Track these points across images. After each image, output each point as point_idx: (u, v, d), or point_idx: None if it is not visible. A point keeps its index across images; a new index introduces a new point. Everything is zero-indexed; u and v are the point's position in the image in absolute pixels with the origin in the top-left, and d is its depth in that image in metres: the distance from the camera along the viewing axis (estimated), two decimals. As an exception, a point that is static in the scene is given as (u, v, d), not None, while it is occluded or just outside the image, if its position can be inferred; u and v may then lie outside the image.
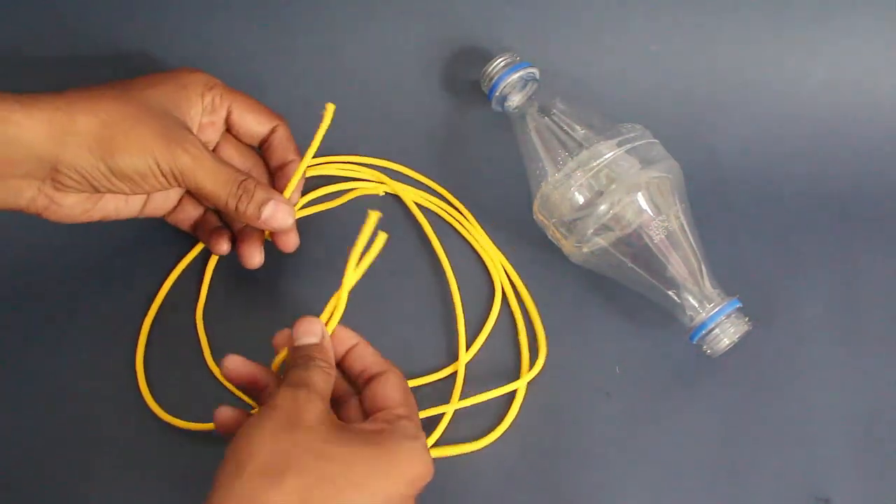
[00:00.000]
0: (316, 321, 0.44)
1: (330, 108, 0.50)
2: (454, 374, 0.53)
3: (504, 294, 0.55)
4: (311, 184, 0.59)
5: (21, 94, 0.43)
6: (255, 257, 0.52)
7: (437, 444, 0.51)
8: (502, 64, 0.56)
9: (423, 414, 0.50)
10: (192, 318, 0.54)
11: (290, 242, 0.52)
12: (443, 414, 0.51)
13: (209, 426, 0.50)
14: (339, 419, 0.41)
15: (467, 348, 0.53)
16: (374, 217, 0.44)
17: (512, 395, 0.52)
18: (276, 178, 0.53)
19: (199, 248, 0.56)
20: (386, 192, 0.59)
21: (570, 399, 0.53)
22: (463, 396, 0.52)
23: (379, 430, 0.40)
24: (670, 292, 0.52)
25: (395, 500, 0.39)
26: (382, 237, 0.45)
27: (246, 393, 0.45)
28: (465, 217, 0.58)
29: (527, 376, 0.52)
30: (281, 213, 0.48)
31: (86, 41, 0.59)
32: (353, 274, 0.44)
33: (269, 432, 0.38)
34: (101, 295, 0.55)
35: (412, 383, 0.52)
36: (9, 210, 0.45)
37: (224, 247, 0.52)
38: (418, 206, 0.58)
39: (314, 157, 0.58)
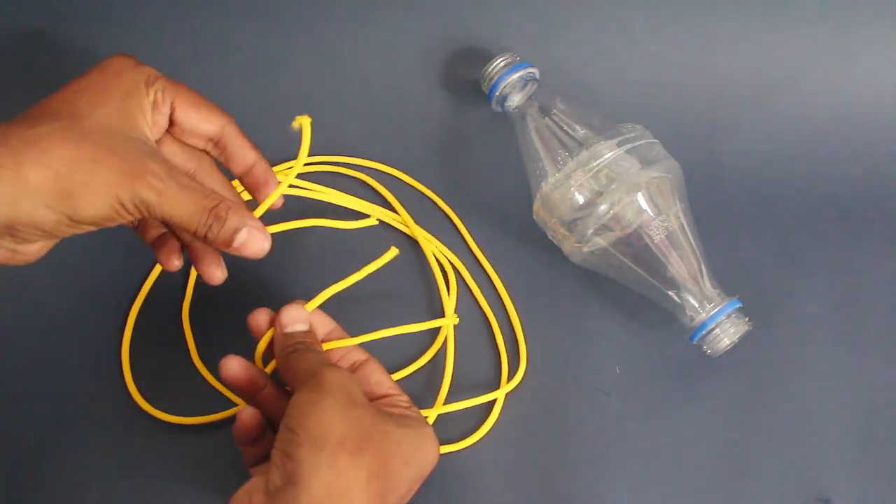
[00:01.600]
0: (301, 308, 0.45)
1: (306, 122, 0.45)
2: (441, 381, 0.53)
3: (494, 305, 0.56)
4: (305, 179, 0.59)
5: None
6: (216, 274, 0.48)
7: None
8: (502, 64, 0.56)
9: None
10: (178, 314, 0.54)
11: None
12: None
13: (196, 420, 0.51)
14: None
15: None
16: (392, 253, 0.48)
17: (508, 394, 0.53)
18: (246, 185, 0.49)
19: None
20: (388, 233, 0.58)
21: (569, 399, 0.53)
22: (452, 399, 0.52)
23: (402, 415, 0.43)
24: (670, 292, 0.52)
25: (420, 479, 0.43)
26: (393, 251, 0.48)
27: (241, 394, 0.45)
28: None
29: (506, 387, 0.52)
30: (255, 241, 0.44)
31: (85, 38, 0.59)
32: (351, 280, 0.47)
33: (336, 409, 0.39)
34: (87, 291, 0.55)
35: (400, 374, 0.53)
36: None
37: (175, 262, 0.48)
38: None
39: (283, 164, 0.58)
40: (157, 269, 0.55)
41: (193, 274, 0.55)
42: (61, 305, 0.55)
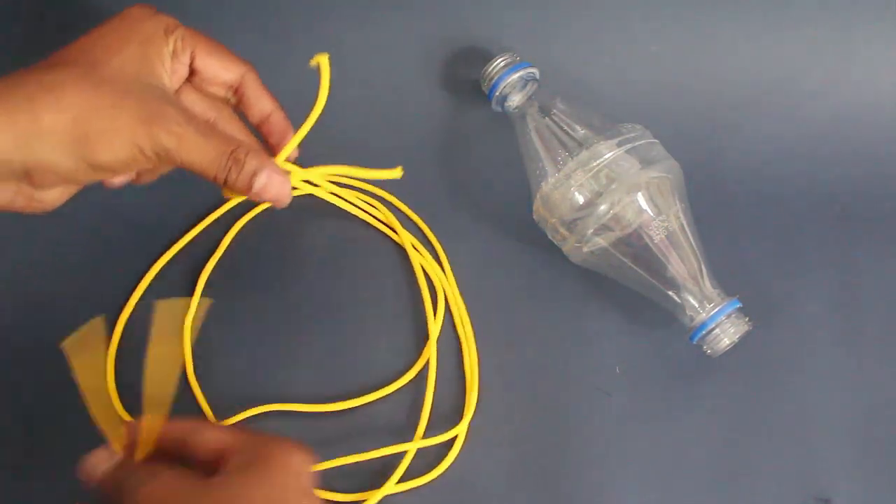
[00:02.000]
0: (98, 452, 0.42)
1: (324, 60, 0.44)
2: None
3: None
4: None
5: None
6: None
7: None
8: (502, 64, 0.56)
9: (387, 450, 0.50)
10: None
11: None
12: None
13: None
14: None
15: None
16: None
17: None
18: (264, 135, 0.48)
19: (171, 253, 0.56)
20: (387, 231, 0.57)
21: (569, 399, 0.53)
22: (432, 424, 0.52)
23: (220, 482, 0.39)
24: (670, 292, 0.52)
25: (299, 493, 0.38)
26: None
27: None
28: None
29: (467, 418, 0.51)
30: (275, 184, 0.43)
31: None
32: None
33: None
34: (88, 291, 0.55)
35: (381, 393, 0.52)
36: None
37: (116, 181, 0.46)
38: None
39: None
40: (150, 274, 0.55)
41: (199, 289, 0.55)
42: (63, 305, 0.55)
